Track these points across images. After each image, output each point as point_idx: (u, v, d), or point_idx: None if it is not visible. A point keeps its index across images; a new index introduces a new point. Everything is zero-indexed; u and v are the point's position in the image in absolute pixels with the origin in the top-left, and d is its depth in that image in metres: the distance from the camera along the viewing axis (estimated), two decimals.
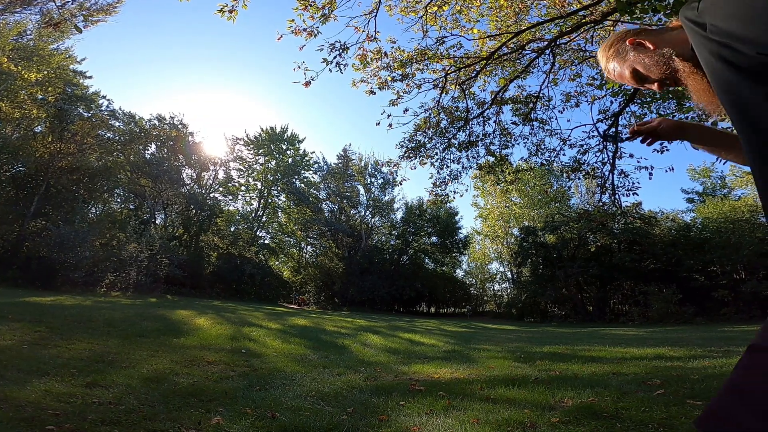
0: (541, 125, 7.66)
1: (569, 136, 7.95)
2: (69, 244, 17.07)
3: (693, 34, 0.80)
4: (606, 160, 7.43)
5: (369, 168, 35.78)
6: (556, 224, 27.22)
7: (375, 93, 6.49)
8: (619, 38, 1.10)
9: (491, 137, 7.80)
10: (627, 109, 6.72)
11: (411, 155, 7.75)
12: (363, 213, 35.98)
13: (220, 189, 33.01)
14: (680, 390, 3.28)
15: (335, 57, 5.43)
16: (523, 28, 6.15)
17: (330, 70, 5.50)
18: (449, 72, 6.76)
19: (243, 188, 34.65)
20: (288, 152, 36.17)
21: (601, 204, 8.12)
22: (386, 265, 32.85)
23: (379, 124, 7.07)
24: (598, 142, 7.41)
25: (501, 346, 7.61)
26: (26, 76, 12.73)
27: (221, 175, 33.09)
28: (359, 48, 5.77)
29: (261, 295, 28.13)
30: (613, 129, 7.09)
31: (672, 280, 21.54)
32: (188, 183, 31.08)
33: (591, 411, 2.70)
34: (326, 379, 3.84)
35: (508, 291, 37.35)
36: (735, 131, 0.79)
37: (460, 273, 40.28)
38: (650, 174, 7.05)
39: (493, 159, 7.97)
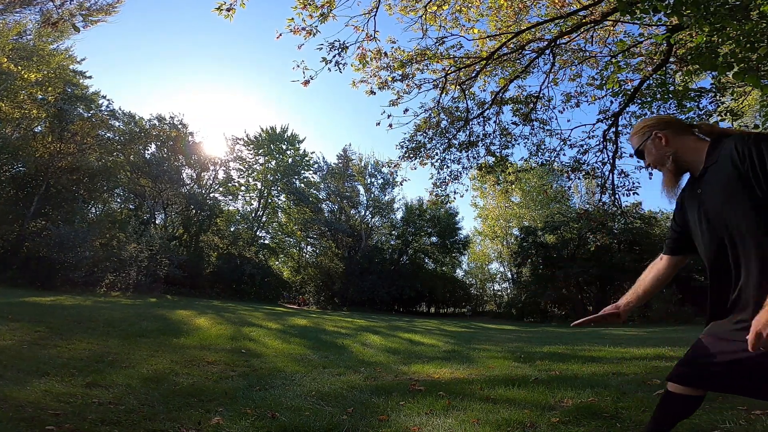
0: (542, 125, 7.66)
1: (569, 136, 7.95)
2: (69, 244, 17.06)
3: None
4: (606, 160, 7.44)
5: (369, 168, 35.80)
6: (556, 224, 27.22)
7: (375, 93, 6.49)
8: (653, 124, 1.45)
9: (491, 137, 7.80)
10: (627, 109, 6.72)
11: (411, 155, 7.74)
12: (363, 213, 35.98)
13: (220, 189, 32.99)
14: None
15: (334, 56, 5.43)
16: (523, 28, 6.15)
17: (329, 69, 5.50)
18: (449, 72, 6.76)
19: (243, 188, 34.65)
20: (288, 152, 36.17)
21: (601, 204, 8.11)
22: (386, 265, 32.84)
23: (379, 124, 7.06)
24: (598, 142, 7.42)
25: (501, 346, 7.61)
26: (26, 76, 12.71)
27: (221, 175, 33.13)
28: (359, 47, 5.77)
29: (261, 295, 28.11)
30: (613, 129, 7.10)
31: (672, 280, 21.47)
32: (188, 183, 31.07)
33: (591, 411, 2.69)
34: (326, 379, 3.84)
35: (508, 291, 37.37)
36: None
37: (460, 273, 40.32)
38: (650, 174, 7.08)
39: (493, 159, 7.96)
